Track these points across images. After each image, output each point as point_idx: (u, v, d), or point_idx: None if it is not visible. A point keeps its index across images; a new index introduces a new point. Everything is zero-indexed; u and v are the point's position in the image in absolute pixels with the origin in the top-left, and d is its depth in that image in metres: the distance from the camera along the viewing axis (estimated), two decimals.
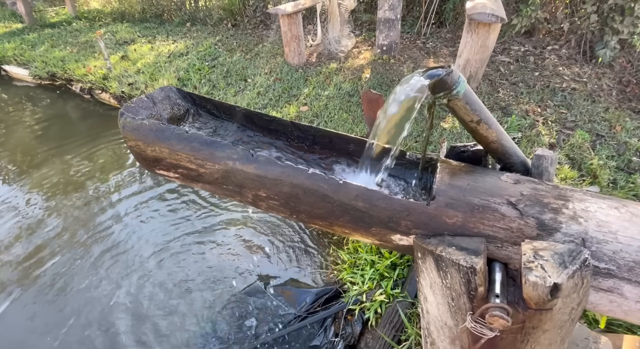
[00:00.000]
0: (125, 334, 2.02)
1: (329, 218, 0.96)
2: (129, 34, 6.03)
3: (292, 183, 0.94)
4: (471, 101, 0.85)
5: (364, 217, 0.90)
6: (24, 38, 6.47)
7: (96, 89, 4.82)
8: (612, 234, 0.72)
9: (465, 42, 3.18)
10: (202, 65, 4.57)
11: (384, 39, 4.12)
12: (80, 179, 3.33)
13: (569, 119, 3.04)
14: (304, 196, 0.94)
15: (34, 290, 2.30)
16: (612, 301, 0.72)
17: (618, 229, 0.72)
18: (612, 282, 0.70)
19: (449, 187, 0.86)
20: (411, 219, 0.87)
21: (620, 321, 1.51)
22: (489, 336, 0.73)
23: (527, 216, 0.78)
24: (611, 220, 0.74)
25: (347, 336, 1.82)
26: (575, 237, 0.74)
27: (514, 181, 0.87)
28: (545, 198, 0.80)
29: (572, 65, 3.80)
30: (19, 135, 4.23)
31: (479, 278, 0.74)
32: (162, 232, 2.68)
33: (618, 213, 0.75)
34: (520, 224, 0.78)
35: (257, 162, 0.97)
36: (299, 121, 3.32)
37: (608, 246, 0.71)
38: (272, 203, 1.01)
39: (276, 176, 0.95)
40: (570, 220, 0.76)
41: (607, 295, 0.72)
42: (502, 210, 0.81)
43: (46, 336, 2.03)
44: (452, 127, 3.02)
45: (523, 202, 0.80)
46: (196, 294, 2.22)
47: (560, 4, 4.02)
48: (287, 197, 0.97)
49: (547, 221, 0.77)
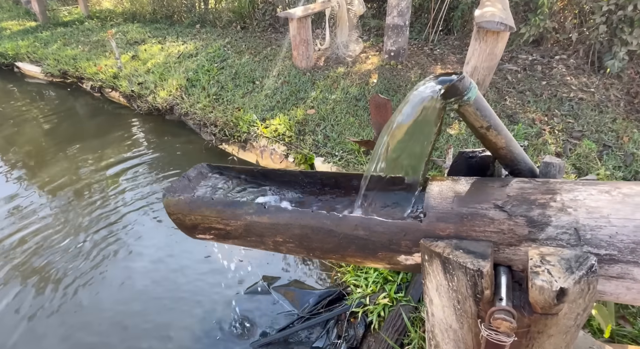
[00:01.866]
0: (126, 334, 2.04)
1: (339, 251, 1.03)
2: (139, 34, 6.12)
3: (301, 225, 1.04)
4: (481, 107, 0.86)
5: (368, 245, 0.96)
6: (37, 36, 6.59)
7: (106, 87, 4.88)
8: (605, 218, 0.71)
9: (473, 50, 3.20)
10: (211, 67, 4.62)
11: (391, 44, 4.15)
12: (87, 176, 3.38)
13: (575, 129, 3.04)
14: (313, 234, 1.03)
15: (33, 285, 2.33)
16: (629, 288, 0.70)
17: (610, 213, 0.71)
18: (619, 267, 0.69)
19: (438, 202, 0.89)
20: (409, 239, 0.90)
21: (625, 331, 1.50)
22: (508, 343, 0.73)
23: (515, 215, 0.79)
24: (602, 205, 0.73)
25: (349, 339, 1.82)
26: (567, 228, 0.74)
27: (500, 184, 0.88)
28: (532, 195, 0.81)
29: (579, 75, 3.80)
30: (29, 131, 4.30)
31: (485, 281, 0.75)
32: (165, 230, 2.71)
33: (609, 196, 0.74)
34: (510, 225, 0.79)
35: (269, 212, 1.09)
36: (306, 124, 3.35)
37: (603, 231, 0.71)
38: (289, 246, 1.12)
39: (286, 221, 1.06)
40: (559, 212, 0.76)
41: (620, 283, 0.70)
42: (490, 214, 0.82)
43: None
44: (458, 133, 3.03)
45: (510, 203, 0.81)
46: (199, 293, 2.23)
47: (569, 14, 4.03)
48: (300, 238, 1.07)
49: (536, 217, 0.77)
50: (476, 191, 0.89)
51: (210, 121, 3.72)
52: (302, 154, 3.10)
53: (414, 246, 0.89)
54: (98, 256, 2.51)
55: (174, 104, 4.14)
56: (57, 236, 2.68)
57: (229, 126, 3.57)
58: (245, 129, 3.43)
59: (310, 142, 3.13)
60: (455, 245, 0.83)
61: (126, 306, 2.17)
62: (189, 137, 3.96)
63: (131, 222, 2.81)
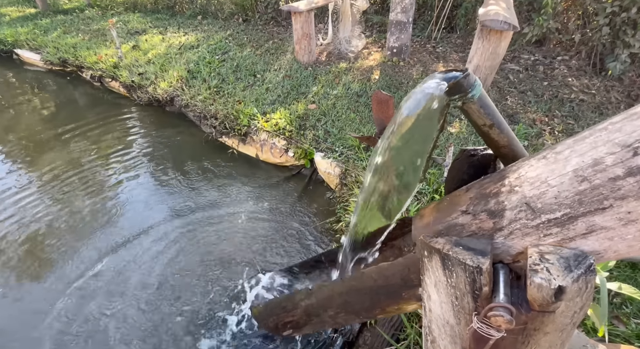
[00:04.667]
0: (123, 326, 2.04)
1: (377, 305, 1.14)
2: (140, 24, 6.06)
3: (339, 293, 1.17)
4: (485, 105, 0.87)
5: (390, 290, 1.06)
6: (37, 23, 6.52)
7: (106, 77, 4.85)
8: (545, 183, 0.71)
9: (476, 48, 3.19)
10: (212, 59, 4.59)
11: (394, 41, 4.13)
12: (84, 165, 3.36)
13: (576, 130, 3.05)
14: (349, 297, 1.16)
15: (28, 275, 2.33)
16: (610, 237, 0.67)
17: (548, 176, 0.71)
18: (582, 223, 0.68)
19: (421, 230, 0.94)
20: (413, 271, 0.97)
21: (618, 331, 1.52)
22: (497, 337, 0.74)
23: (477, 213, 0.81)
24: (540, 172, 0.73)
25: (346, 333, 1.84)
26: (520, 206, 0.74)
27: (465, 190, 0.90)
28: (488, 188, 0.82)
29: (581, 77, 3.80)
30: (28, 119, 4.27)
31: (484, 277, 0.75)
32: (164, 220, 2.71)
33: (545, 161, 0.74)
34: (477, 224, 0.81)
35: (314, 291, 1.26)
36: (307, 118, 3.34)
37: (548, 194, 0.70)
38: (342, 316, 1.27)
39: (326, 295, 1.22)
40: (508, 194, 0.76)
41: (596, 236, 0.68)
42: (460, 221, 0.84)
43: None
44: (459, 131, 3.03)
45: (472, 204, 0.83)
46: (196, 286, 2.24)
47: (572, 15, 4.02)
48: (344, 306, 1.20)
49: (493, 207, 0.78)
50: (448, 205, 0.91)
51: (211, 114, 3.71)
52: (302, 148, 3.09)
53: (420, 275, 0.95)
54: (94, 244, 2.51)
55: (175, 95, 4.12)
56: (47, 221, 2.68)
57: (229, 118, 3.55)
58: (245, 122, 3.42)
59: (311, 137, 3.13)
60: (455, 242, 0.83)
61: (117, 298, 2.17)
62: (189, 129, 3.94)
63: (125, 209, 2.81)
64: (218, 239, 2.55)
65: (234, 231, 2.62)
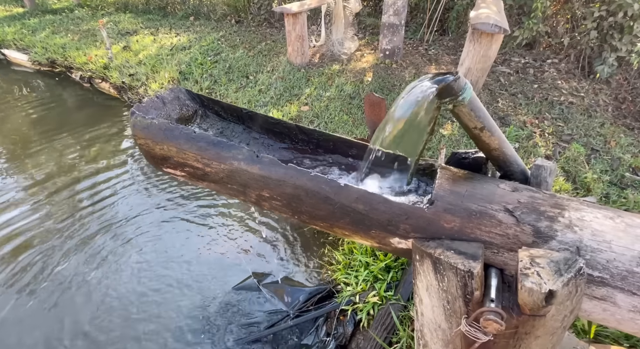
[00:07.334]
0: (111, 331, 2.00)
1: (330, 220, 0.97)
2: (131, 25, 6.00)
3: (295, 184, 0.95)
4: (476, 108, 0.86)
5: (364, 220, 0.92)
6: (24, 23, 6.41)
7: (96, 78, 4.78)
8: (607, 243, 0.73)
9: (468, 51, 3.22)
10: (204, 60, 4.56)
11: (387, 43, 4.15)
12: (73, 167, 3.31)
13: (565, 132, 3.09)
14: (306, 197, 0.96)
15: (19, 279, 2.28)
16: (606, 309, 0.73)
17: (612, 239, 0.74)
18: (605, 290, 0.72)
19: (447, 193, 0.88)
20: (410, 223, 0.88)
21: (608, 331, 1.54)
22: (483, 340, 0.74)
23: (524, 223, 0.79)
24: (606, 230, 0.75)
25: (338, 336, 1.83)
26: (570, 245, 0.75)
27: (511, 188, 0.88)
28: (542, 206, 0.82)
29: (570, 80, 3.85)
30: (15, 120, 4.19)
31: (475, 282, 0.75)
32: (155, 222, 2.67)
33: (613, 223, 0.77)
34: (516, 231, 0.79)
35: (262, 163, 0.98)
36: (300, 120, 3.33)
37: (602, 254, 0.73)
38: (274, 203, 1.03)
39: (279, 177, 0.97)
40: (565, 228, 0.77)
41: (600, 303, 0.73)
42: (499, 217, 0.82)
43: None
44: (450, 134, 3.05)
45: (520, 209, 0.81)
46: (188, 288, 2.21)
47: (561, 19, 4.08)
48: (290, 198, 0.98)
49: (543, 228, 0.78)
50: (487, 189, 0.87)
51: None
52: None
53: (413, 231, 0.88)
54: (84, 248, 2.47)
55: None
56: (35, 224, 2.62)
57: None
58: None
59: None
60: (446, 246, 0.83)
61: (106, 305, 2.13)
62: None
63: (114, 211, 2.77)
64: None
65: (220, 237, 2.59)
